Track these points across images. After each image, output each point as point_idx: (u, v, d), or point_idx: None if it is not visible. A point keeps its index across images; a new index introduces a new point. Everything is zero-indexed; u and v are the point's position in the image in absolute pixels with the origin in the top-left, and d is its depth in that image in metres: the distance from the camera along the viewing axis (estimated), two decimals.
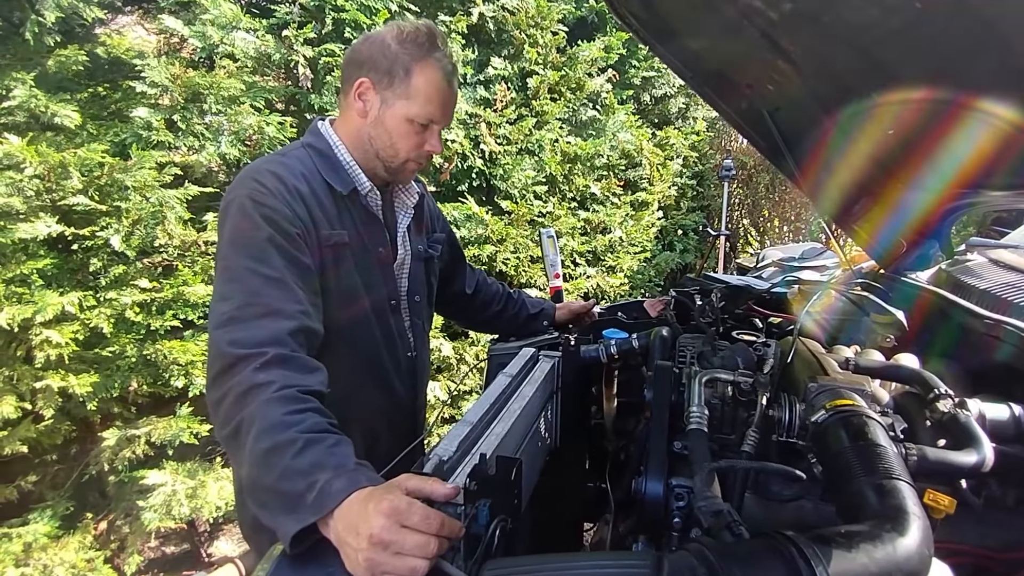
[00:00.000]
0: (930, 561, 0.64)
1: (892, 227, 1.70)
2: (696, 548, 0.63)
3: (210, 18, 2.65)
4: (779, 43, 1.20)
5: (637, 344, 1.42)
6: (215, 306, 1.02)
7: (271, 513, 0.84)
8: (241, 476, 0.95)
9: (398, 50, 1.16)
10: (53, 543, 2.42)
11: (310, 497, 0.80)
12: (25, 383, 2.26)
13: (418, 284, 1.40)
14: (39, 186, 2.18)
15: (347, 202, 1.22)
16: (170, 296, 2.49)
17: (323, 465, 0.83)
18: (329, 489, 0.80)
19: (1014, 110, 0.96)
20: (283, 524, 0.80)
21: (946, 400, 0.96)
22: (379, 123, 1.20)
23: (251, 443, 0.87)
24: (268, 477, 0.84)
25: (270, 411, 0.88)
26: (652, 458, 1.00)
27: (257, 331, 0.97)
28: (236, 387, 0.92)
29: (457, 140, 3.50)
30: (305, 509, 0.79)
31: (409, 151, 1.22)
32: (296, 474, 0.82)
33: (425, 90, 1.17)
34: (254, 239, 1.05)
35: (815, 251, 3.71)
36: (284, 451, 0.84)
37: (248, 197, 1.08)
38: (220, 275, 1.06)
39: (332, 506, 0.78)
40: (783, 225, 7.06)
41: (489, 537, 0.77)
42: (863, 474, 0.74)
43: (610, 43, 4.44)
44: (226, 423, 0.92)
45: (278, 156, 1.22)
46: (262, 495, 0.86)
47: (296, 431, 0.86)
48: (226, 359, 0.95)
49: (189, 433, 2.56)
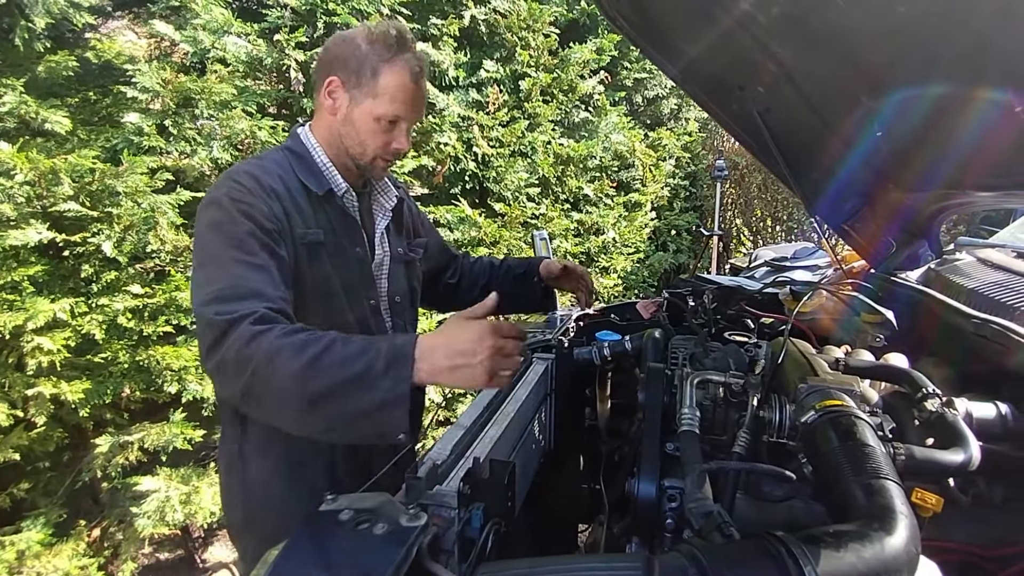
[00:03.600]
0: (918, 559, 0.64)
1: (882, 227, 1.72)
2: (687, 549, 0.64)
3: (201, 23, 2.64)
4: (768, 45, 1.21)
5: (630, 346, 1.43)
6: (199, 289, 1.03)
7: (347, 403, 0.89)
8: (279, 416, 0.96)
9: (367, 50, 1.18)
10: (46, 550, 2.40)
11: (379, 365, 0.88)
12: (17, 390, 2.24)
13: (398, 286, 1.40)
14: (30, 192, 2.17)
15: (323, 203, 1.24)
16: (163, 301, 2.48)
17: (372, 340, 0.92)
18: (394, 347, 0.90)
19: (998, 109, 0.98)
20: (369, 399, 0.87)
21: (934, 399, 0.97)
22: (348, 121, 1.23)
23: (286, 366, 0.89)
24: (323, 379, 0.88)
25: (290, 339, 0.92)
26: (645, 460, 1.01)
27: (244, 305, 0.99)
28: (236, 341, 0.93)
29: (450, 143, 3.51)
30: (381, 376, 0.87)
31: (376, 149, 1.23)
32: (354, 357, 0.89)
33: (391, 89, 1.18)
34: (235, 231, 1.07)
35: (807, 251, 3.74)
36: (329, 350, 0.90)
37: (226, 196, 1.10)
38: (203, 262, 1.07)
39: (410, 357, 0.88)
40: (775, 225, 7.10)
41: (483, 541, 0.77)
42: (851, 474, 0.75)
43: (602, 45, 4.45)
44: (238, 373, 0.93)
45: (256, 159, 1.25)
46: (324, 403, 0.89)
47: (328, 339, 0.92)
48: (219, 326, 0.96)
49: (183, 439, 2.55)
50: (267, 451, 1.23)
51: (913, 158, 1.36)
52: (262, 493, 1.25)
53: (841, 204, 1.74)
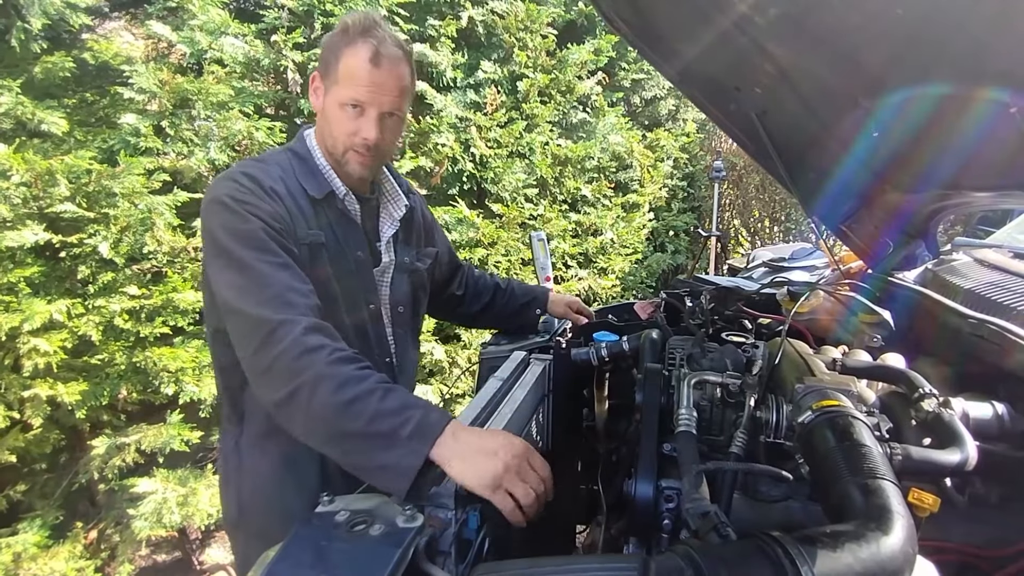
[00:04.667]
0: (914, 559, 0.64)
1: (879, 228, 1.72)
2: (683, 550, 0.64)
3: (198, 23, 2.64)
4: (765, 47, 1.21)
5: (627, 347, 1.43)
6: (228, 292, 1.05)
7: (362, 456, 0.91)
8: (303, 432, 0.98)
9: (337, 39, 1.18)
10: (43, 553, 2.40)
11: (405, 431, 0.88)
12: (13, 392, 2.24)
13: (401, 294, 1.38)
14: (26, 193, 2.16)
15: (323, 206, 1.23)
16: (159, 303, 2.48)
17: (411, 404, 0.93)
18: (427, 420, 0.90)
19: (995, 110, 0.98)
20: (382, 459, 0.88)
21: (931, 399, 0.97)
22: (323, 114, 1.23)
23: (326, 397, 0.92)
24: (355, 424, 0.90)
25: (338, 369, 0.95)
26: (642, 460, 1.00)
27: (284, 303, 1.02)
28: (288, 352, 0.96)
29: (447, 144, 3.51)
30: (403, 443, 0.88)
31: (343, 137, 1.20)
32: (388, 415, 0.90)
33: (351, 71, 1.16)
34: (249, 231, 1.08)
35: (805, 251, 3.73)
36: (368, 398, 0.91)
37: (228, 196, 1.10)
38: (227, 264, 1.07)
39: (436, 434, 0.88)
40: (773, 225, 7.11)
41: (480, 542, 0.77)
42: (848, 474, 0.74)
43: (600, 46, 4.46)
44: (282, 386, 0.95)
45: (256, 160, 1.24)
46: (347, 442, 0.92)
47: (373, 382, 0.94)
48: (267, 325, 0.99)
49: (180, 440, 2.54)
50: (263, 447, 1.24)
51: (910, 159, 1.36)
52: (256, 487, 1.26)
53: (838, 205, 1.74)
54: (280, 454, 1.23)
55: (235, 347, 1.06)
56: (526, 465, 0.89)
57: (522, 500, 0.86)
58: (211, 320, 1.22)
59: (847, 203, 1.72)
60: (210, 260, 1.11)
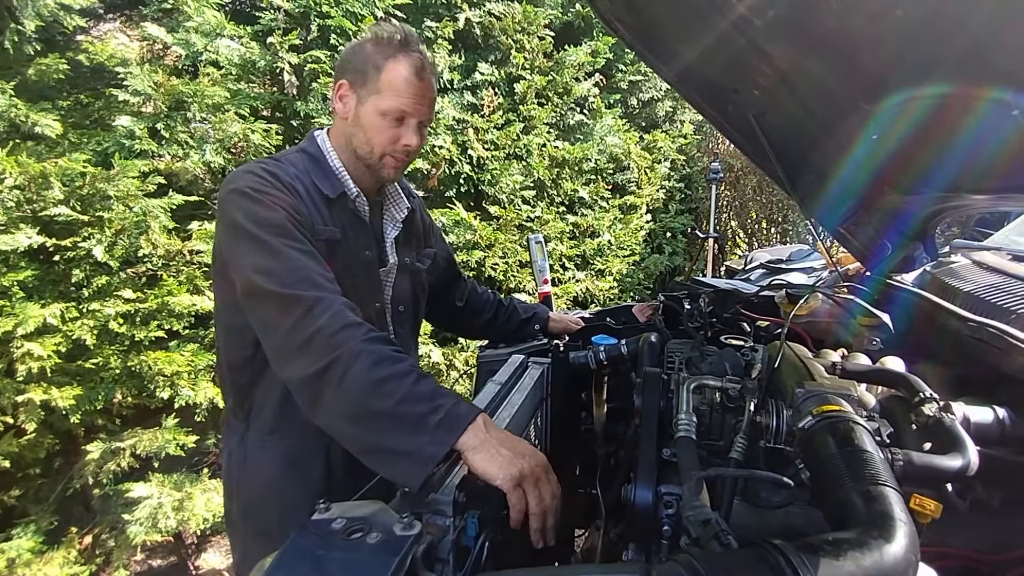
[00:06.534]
0: (917, 566, 0.64)
1: (878, 230, 1.72)
2: (685, 559, 0.63)
3: (194, 25, 2.63)
4: (763, 48, 1.21)
5: (626, 350, 1.42)
6: (256, 276, 1.05)
7: (385, 437, 0.90)
8: (328, 410, 0.97)
9: (372, 50, 1.22)
10: (37, 558, 2.38)
11: (434, 419, 0.88)
12: (7, 397, 2.22)
13: (402, 295, 1.41)
14: (19, 197, 2.15)
15: (336, 205, 1.26)
16: (154, 306, 2.46)
17: (443, 393, 0.93)
18: (457, 411, 0.90)
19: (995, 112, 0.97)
20: (407, 442, 0.87)
21: (931, 404, 0.96)
22: (356, 121, 1.25)
23: (361, 372, 0.93)
24: (385, 402, 0.91)
25: (377, 347, 0.96)
26: (641, 465, 0.99)
27: (314, 284, 1.04)
28: (330, 325, 0.97)
29: (445, 146, 3.50)
30: (430, 430, 0.88)
31: (384, 145, 1.25)
32: (419, 399, 0.91)
33: (395, 83, 1.21)
34: (274, 219, 1.10)
35: (802, 253, 3.74)
36: (402, 379, 0.92)
37: (249, 187, 1.13)
38: (251, 249, 1.08)
39: (463, 426, 0.88)
40: (771, 227, 7.12)
41: (478, 549, 0.76)
42: (850, 480, 0.74)
43: (597, 47, 4.46)
44: (318, 360, 0.95)
45: (272, 159, 1.27)
46: (372, 421, 0.92)
47: (408, 365, 0.95)
48: (304, 301, 1.00)
49: (175, 445, 2.53)
50: (269, 443, 1.26)
51: (909, 161, 1.36)
52: (260, 484, 1.28)
53: (837, 207, 1.74)
54: (286, 450, 1.26)
55: (260, 333, 1.07)
56: (545, 478, 0.90)
57: (534, 506, 0.87)
58: (223, 317, 1.24)
59: (846, 205, 1.72)
60: (232, 247, 1.11)
